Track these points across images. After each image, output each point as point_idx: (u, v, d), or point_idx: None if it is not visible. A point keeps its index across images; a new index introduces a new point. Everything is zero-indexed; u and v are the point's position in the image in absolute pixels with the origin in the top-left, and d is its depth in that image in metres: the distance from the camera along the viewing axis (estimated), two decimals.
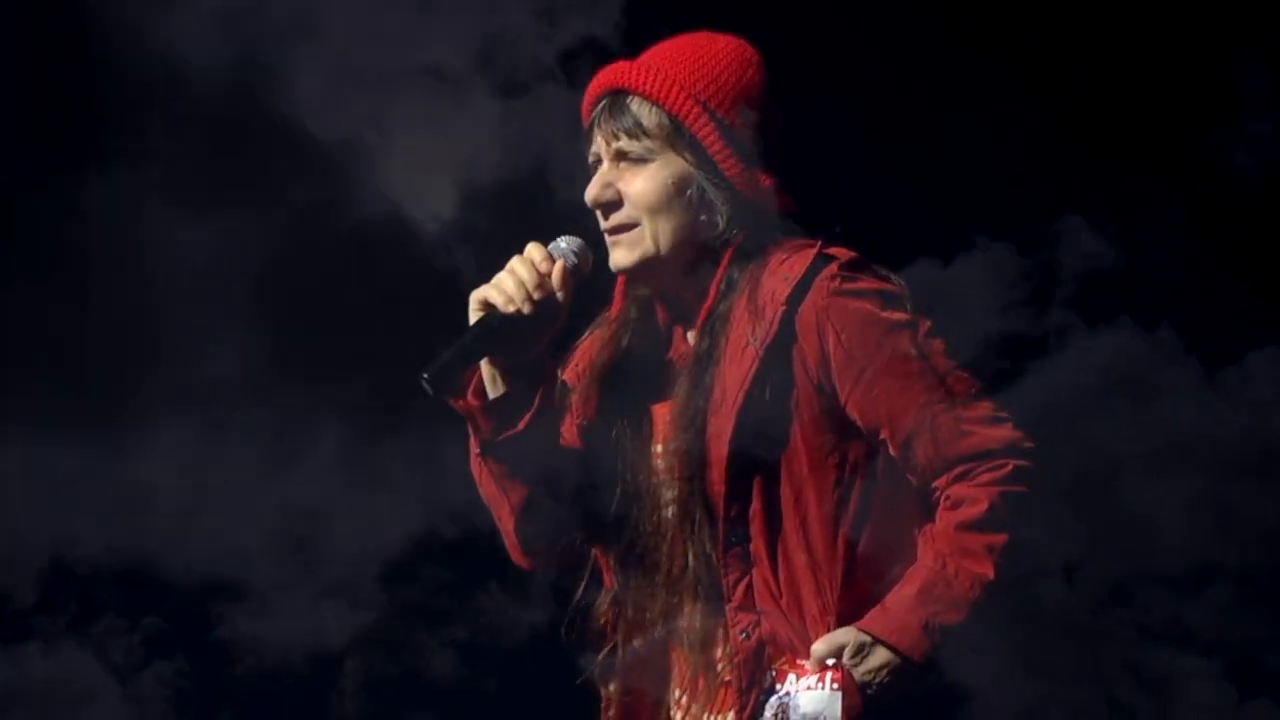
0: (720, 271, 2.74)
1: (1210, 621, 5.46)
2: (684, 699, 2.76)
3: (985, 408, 2.65)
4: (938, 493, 2.66)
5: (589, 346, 2.88)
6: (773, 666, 2.67)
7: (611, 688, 2.80)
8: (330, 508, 5.83)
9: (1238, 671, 5.59)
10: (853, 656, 2.61)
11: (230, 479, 5.51)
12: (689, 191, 2.74)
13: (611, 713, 2.80)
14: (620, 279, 2.86)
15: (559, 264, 2.74)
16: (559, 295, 2.73)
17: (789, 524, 2.67)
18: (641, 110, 2.76)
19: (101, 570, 5.74)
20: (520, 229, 2.87)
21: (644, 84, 2.75)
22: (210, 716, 5.96)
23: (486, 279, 2.75)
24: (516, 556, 2.86)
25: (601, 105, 2.79)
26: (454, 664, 5.92)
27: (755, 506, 2.68)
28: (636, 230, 2.76)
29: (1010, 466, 2.62)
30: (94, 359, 4.98)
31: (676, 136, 2.74)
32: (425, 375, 2.66)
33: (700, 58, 2.78)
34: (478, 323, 2.73)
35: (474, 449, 2.80)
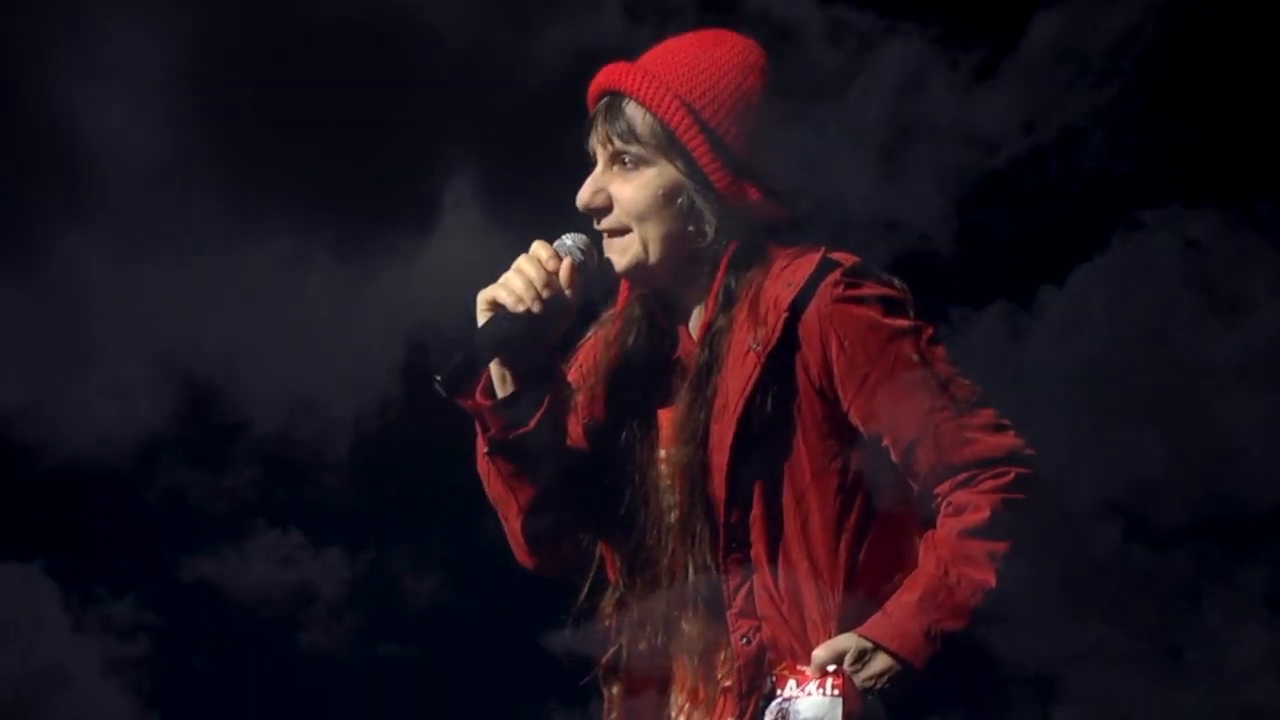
0: (717, 283, 2.76)
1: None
2: (685, 704, 2.77)
3: (987, 415, 2.67)
4: (940, 499, 2.67)
5: (594, 345, 2.90)
6: (773, 672, 2.67)
7: (615, 690, 2.81)
8: (284, 349, 5.07)
9: None
10: (854, 662, 2.62)
11: (158, 311, 4.76)
12: (679, 200, 2.75)
13: (614, 715, 2.82)
14: None
15: (566, 262, 2.75)
16: (567, 293, 2.74)
17: (791, 530, 2.68)
18: (635, 115, 2.77)
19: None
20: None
21: (638, 89, 2.76)
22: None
23: (463, 76, 2.81)
24: (521, 556, 2.87)
25: (601, 104, 2.80)
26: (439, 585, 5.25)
27: (756, 512, 2.69)
28: (627, 236, 2.78)
29: (1012, 474, 2.64)
30: None
31: (669, 144, 2.75)
32: (437, 378, 2.70)
33: (700, 63, 2.77)
34: (487, 323, 2.74)
35: (481, 448, 2.82)
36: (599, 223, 2.79)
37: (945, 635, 2.58)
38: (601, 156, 2.79)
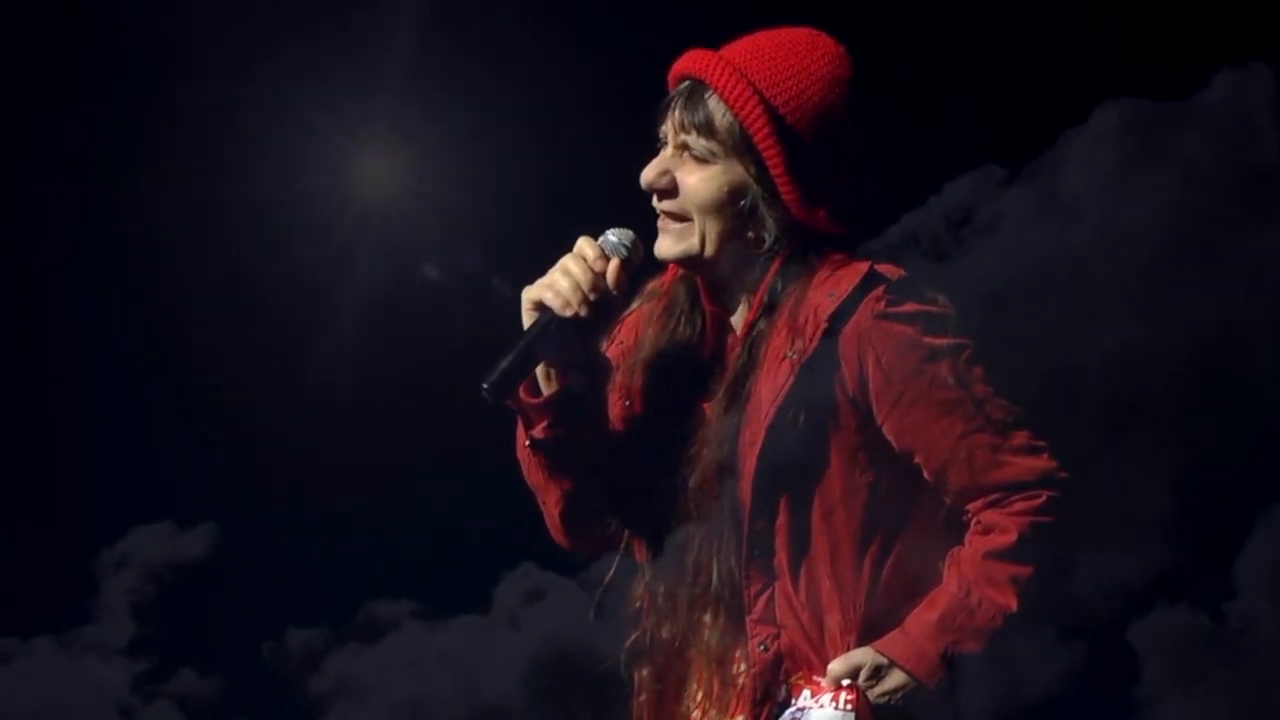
0: (763, 286, 2.72)
1: None
2: (701, 699, 2.77)
3: (1022, 437, 2.66)
4: (969, 515, 2.68)
5: (635, 321, 2.86)
6: (788, 681, 2.69)
7: (645, 673, 2.79)
8: None
9: None
10: (869, 678, 2.64)
11: None
12: (743, 202, 2.71)
13: (643, 698, 2.80)
14: None
15: (614, 263, 2.71)
16: (614, 293, 2.70)
17: (817, 543, 2.67)
18: (716, 109, 2.70)
19: None
20: None
21: (724, 85, 2.69)
22: None
23: None
24: (559, 538, 2.87)
25: (681, 89, 2.74)
26: None
27: (781, 521, 2.67)
28: (686, 224, 2.73)
29: (1044, 497, 2.64)
30: None
31: (743, 145, 2.69)
32: (485, 386, 2.65)
33: (789, 68, 2.70)
34: (533, 325, 2.69)
35: (522, 439, 2.79)
36: (659, 201, 2.74)
37: (963, 658, 2.59)
38: (671, 140, 2.73)
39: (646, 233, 2.76)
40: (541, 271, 2.76)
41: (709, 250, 2.71)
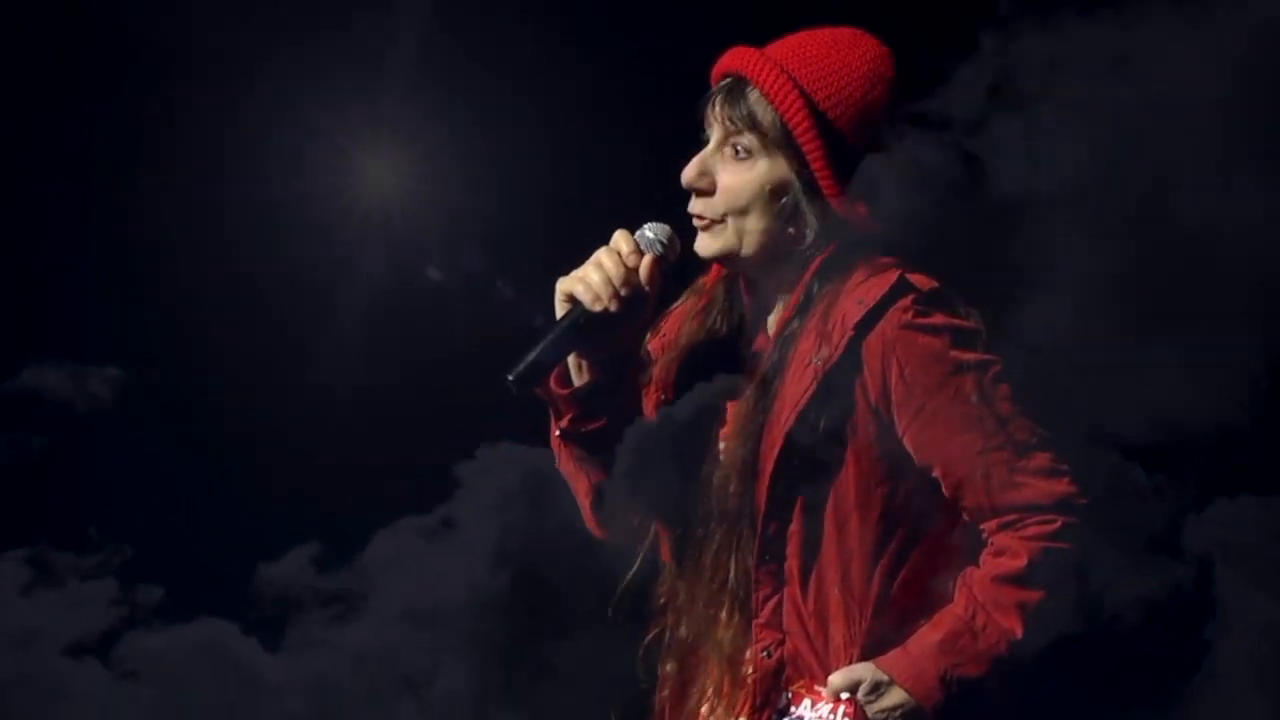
0: (800, 286, 2.71)
1: None
2: (710, 694, 2.76)
3: (1043, 459, 2.62)
4: (985, 534, 2.65)
5: (679, 318, 2.87)
6: (789, 688, 2.69)
7: (667, 668, 2.80)
8: None
9: None
10: (868, 693, 2.63)
11: None
12: (784, 199, 2.71)
13: (666, 692, 2.80)
14: None
15: (648, 259, 2.71)
16: (646, 289, 2.70)
17: (828, 552, 2.66)
18: (758, 105, 2.71)
19: None
20: None
21: (766, 81, 2.70)
22: None
23: None
24: (591, 526, 2.88)
25: (723, 85, 2.75)
26: None
27: (794, 527, 2.66)
28: (722, 224, 2.73)
29: (1059, 523, 2.60)
30: None
31: (784, 141, 2.69)
32: (510, 376, 2.65)
33: (832, 64, 2.71)
34: (563, 318, 2.70)
35: (554, 429, 2.80)
36: (694, 202, 2.74)
37: (962, 680, 2.58)
38: (715, 135, 2.74)
39: (681, 230, 2.77)
40: (540, 272, 2.77)
41: (748, 249, 2.72)
